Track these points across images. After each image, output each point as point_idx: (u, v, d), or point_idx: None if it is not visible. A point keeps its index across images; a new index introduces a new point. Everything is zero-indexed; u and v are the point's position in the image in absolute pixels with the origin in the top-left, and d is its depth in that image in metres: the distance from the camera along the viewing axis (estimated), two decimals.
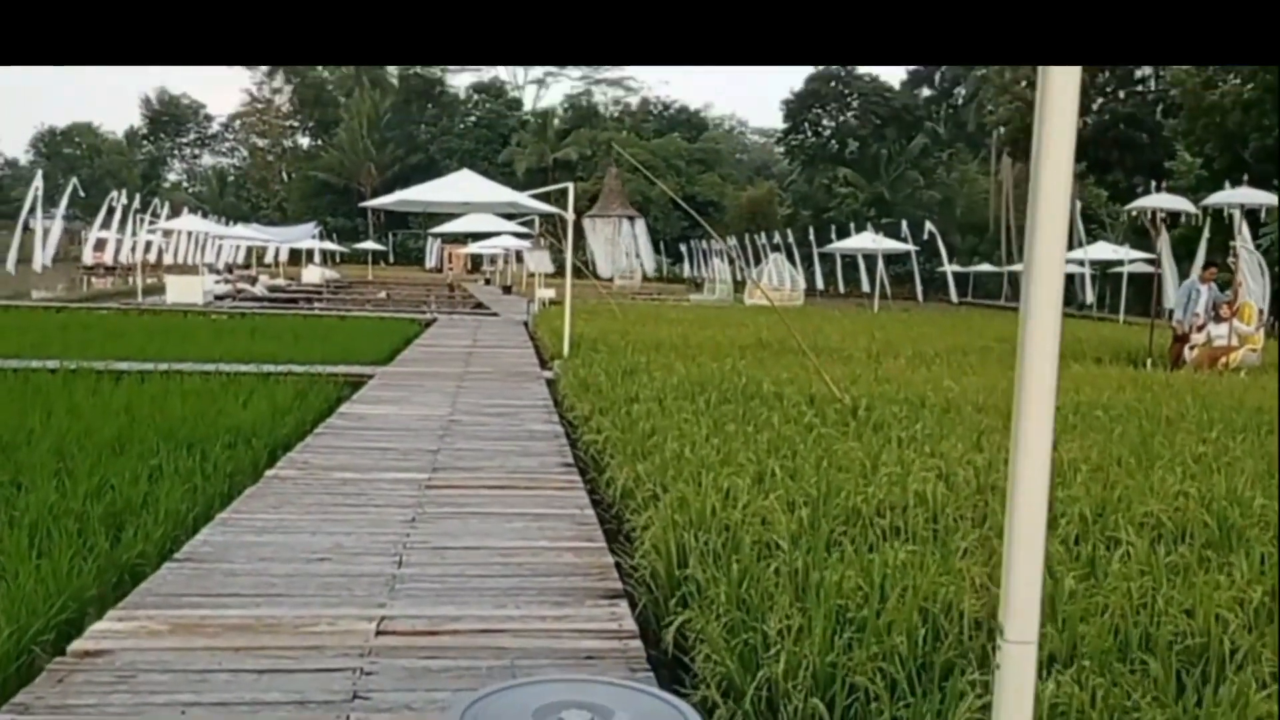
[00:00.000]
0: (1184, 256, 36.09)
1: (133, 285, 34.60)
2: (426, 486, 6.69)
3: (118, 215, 39.30)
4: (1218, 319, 14.62)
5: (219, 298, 32.98)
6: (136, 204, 39.69)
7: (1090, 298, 33.10)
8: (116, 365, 12.86)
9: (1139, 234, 48.61)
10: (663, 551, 4.44)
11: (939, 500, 4.90)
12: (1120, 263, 36.12)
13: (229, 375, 12.35)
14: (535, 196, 15.80)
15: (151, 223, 39.21)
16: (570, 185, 14.29)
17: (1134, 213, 17.22)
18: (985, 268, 62.41)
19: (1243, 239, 14.30)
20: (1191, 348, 14.73)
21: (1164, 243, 23.58)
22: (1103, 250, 33.62)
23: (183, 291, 29.47)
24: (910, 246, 39.85)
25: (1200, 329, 14.64)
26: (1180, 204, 17.45)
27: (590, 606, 4.41)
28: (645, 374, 10.22)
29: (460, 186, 15.01)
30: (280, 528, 5.60)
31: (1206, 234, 27.68)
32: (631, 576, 4.63)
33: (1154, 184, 50.24)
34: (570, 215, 14.16)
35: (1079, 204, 36.28)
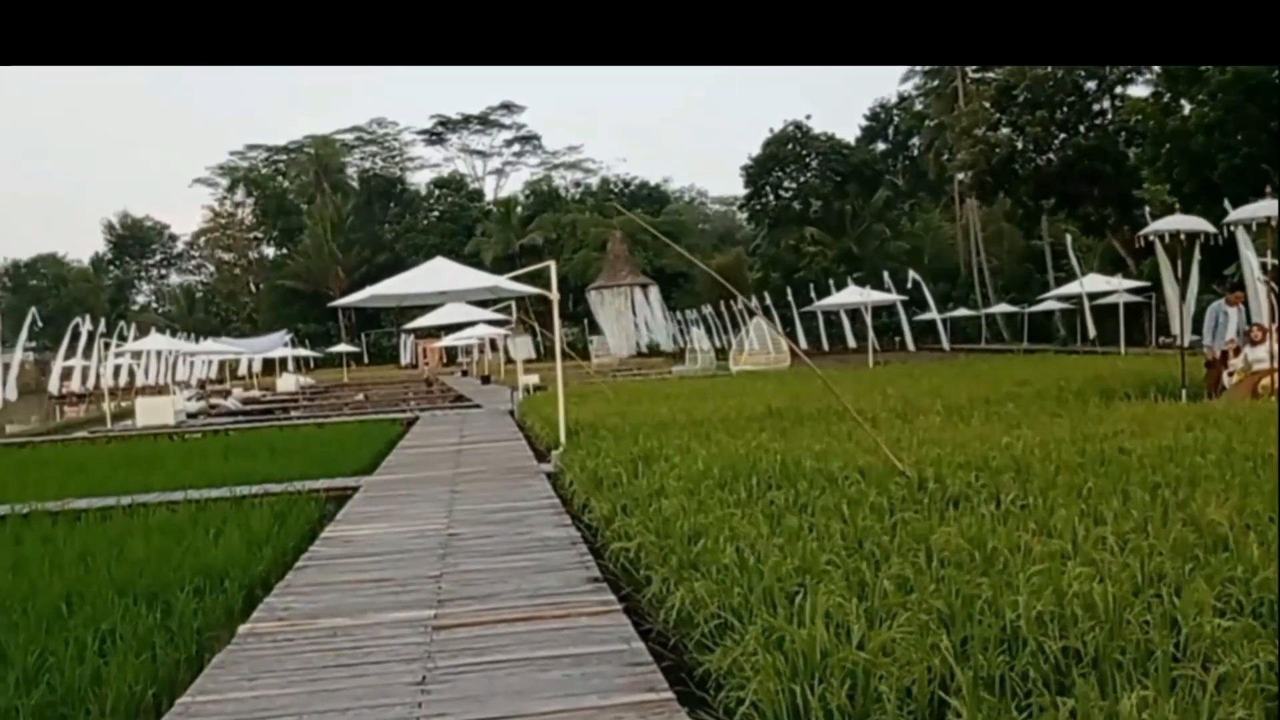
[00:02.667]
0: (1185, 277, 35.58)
1: (104, 412, 33.38)
2: (434, 628, 5.53)
3: (82, 342, 38.04)
4: (1251, 342, 13.71)
5: (192, 416, 31.71)
6: (102, 328, 38.55)
7: (1093, 332, 32.28)
8: (75, 504, 11.63)
9: (1114, 265, 48.31)
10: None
11: (1109, 604, 3.79)
12: (1109, 293, 35.47)
13: (199, 503, 11.15)
14: (514, 279, 14.81)
15: (118, 346, 37.97)
16: (552, 263, 13.30)
17: (1149, 239, 16.39)
18: (962, 312, 61.87)
19: (1272, 256, 13.42)
20: (1230, 374, 13.79)
21: (1165, 267, 22.76)
22: (1095, 282, 32.92)
23: (153, 413, 28.14)
24: (899, 296, 39.08)
25: (1237, 353, 13.71)
26: (1199, 224, 16.62)
27: None
28: (662, 460, 9.11)
29: (435, 275, 13.93)
30: (257, 710, 4.42)
31: (1199, 255, 27.07)
32: None
33: (1124, 214, 50.27)
34: (555, 295, 13.14)
35: (1068, 239, 35.57)
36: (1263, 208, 14.03)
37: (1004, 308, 59.38)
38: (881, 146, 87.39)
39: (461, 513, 9.44)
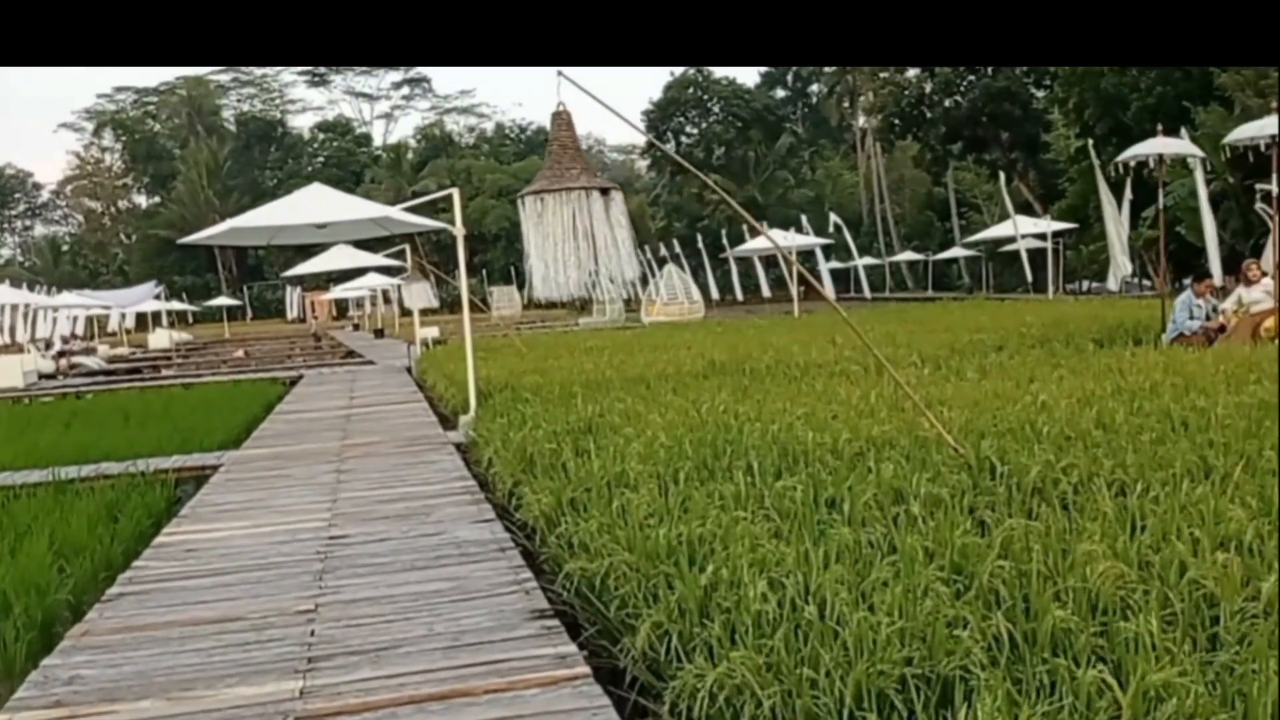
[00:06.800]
0: (1095, 220, 34.76)
1: None
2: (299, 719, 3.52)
3: None
4: (1246, 281, 12.39)
5: (48, 376, 28.50)
6: None
7: (1030, 276, 31.17)
8: None
9: (1022, 209, 47.74)
10: None
11: None
12: (1010, 240, 34.47)
13: (9, 492, 8.80)
14: (410, 209, 12.52)
15: None
16: (455, 191, 11.08)
17: (1123, 166, 14.90)
18: (867, 260, 61.03)
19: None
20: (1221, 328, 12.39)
21: (1109, 204, 21.48)
22: (1025, 225, 31.82)
23: None
24: (824, 240, 37.48)
25: (1221, 330, 12.29)
26: (1185, 148, 15.14)
27: None
28: (611, 431, 7.15)
29: (312, 204, 11.49)
30: None
31: (1129, 194, 25.99)
32: None
33: (1031, 159, 49.76)
34: (460, 229, 10.98)
35: (1002, 179, 34.25)
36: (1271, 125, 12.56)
37: (908, 255, 58.77)
38: (781, 94, 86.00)
39: (348, 502, 7.36)
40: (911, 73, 48.70)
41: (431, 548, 5.82)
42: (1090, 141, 28.17)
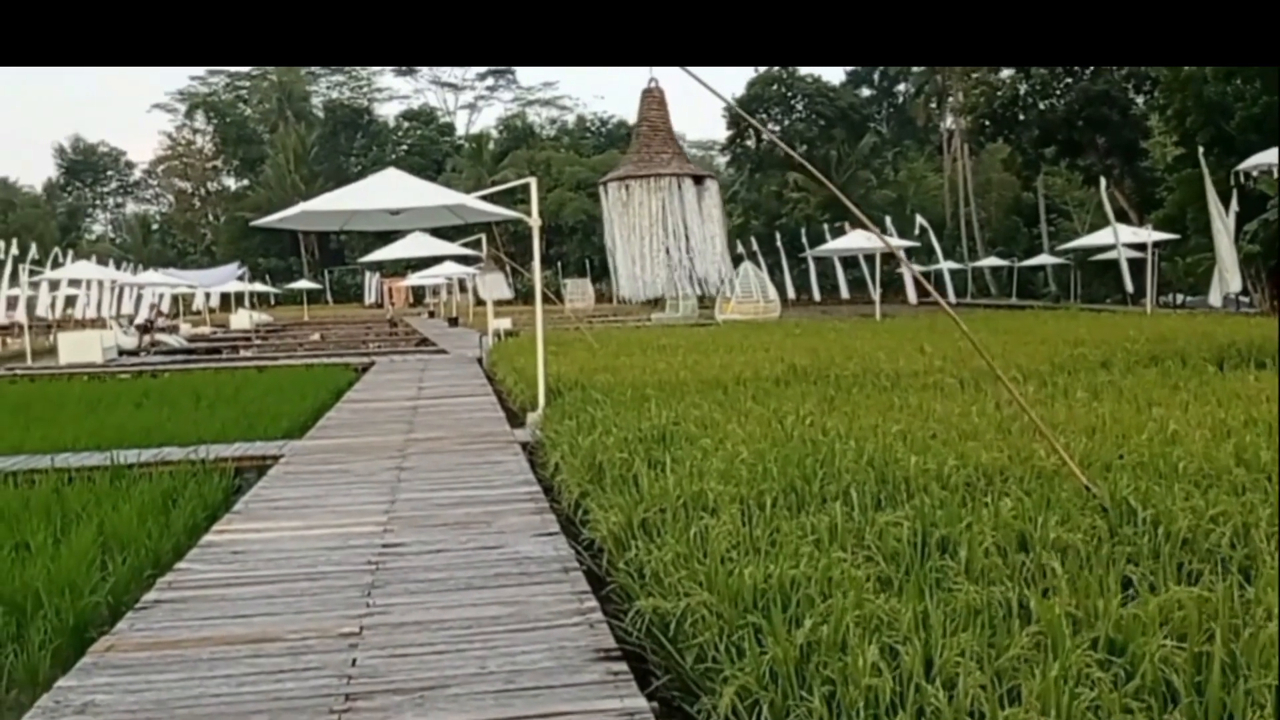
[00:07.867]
0: (1194, 231, 33.16)
1: (42, 345, 30.63)
2: None
3: (8, 270, 34.51)
4: None
5: (130, 352, 28.94)
6: (33, 254, 35.24)
7: (1130, 287, 29.78)
8: None
9: (1118, 217, 45.98)
10: None
11: None
12: (1109, 247, 32.98)
13: (66, 475, 8.55)
14: (485, 198, 12.13)
15: (37, 274, 34.42)
16: (533, 180, 10.64)
17: (1243, 175, 13.84)
18: (950, 264, 59.51)
19: None
20: None
21: (1218, 213, 20.28)
22: (1124, 234, 30.38)
23: (78, 350, 25.28)
24: (909, 243, 36.41)
25: None
26: None
27: None
28: (686, 443, 6.61)
29: (385, 188, 11.18)
30: None
31: (1235, 205, 24.64)
32: None
33: (1128, 166, 47.96)
34: (535, 220, 10.53)
35: (1102, 184, 32.80)
36: None
37: (993, 261, 57.20)
38: (866, 92, 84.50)
39: (407, 504, 6.94)
40: (1005, 73, 47.22)
41: (490, 563, 5.36)
42: (1200, 150, 26.75)
